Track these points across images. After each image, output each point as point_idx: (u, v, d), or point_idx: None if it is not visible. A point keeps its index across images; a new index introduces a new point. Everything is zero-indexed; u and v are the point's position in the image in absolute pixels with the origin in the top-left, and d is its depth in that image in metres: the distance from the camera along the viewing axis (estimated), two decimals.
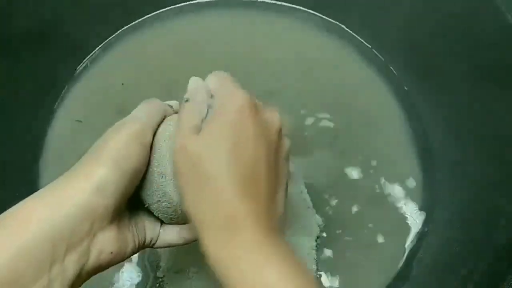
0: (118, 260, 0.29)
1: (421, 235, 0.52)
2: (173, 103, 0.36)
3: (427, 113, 0.58)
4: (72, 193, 0.26)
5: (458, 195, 0.51)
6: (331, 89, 0.59)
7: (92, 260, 0.27)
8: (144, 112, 0.32)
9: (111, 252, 0.28)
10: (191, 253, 0.46)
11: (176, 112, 0.35)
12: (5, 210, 0.26)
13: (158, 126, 0.33)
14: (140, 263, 0.49)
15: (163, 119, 0.33)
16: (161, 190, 0.31)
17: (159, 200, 0.32)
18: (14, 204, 0.26)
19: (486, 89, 0.49)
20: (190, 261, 0.47)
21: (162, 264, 0.48)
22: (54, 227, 0.25)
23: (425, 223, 0.53)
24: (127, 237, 0.30)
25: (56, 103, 0.58)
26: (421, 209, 0.53)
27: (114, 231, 0.28)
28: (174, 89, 0.58)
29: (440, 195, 0.53)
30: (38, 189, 0.27)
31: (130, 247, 0.30)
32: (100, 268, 0.28)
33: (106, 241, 0.27)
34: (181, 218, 0.33)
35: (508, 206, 0.43)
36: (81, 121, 0.57)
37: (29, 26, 0.54)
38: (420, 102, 0.58)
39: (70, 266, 0.25)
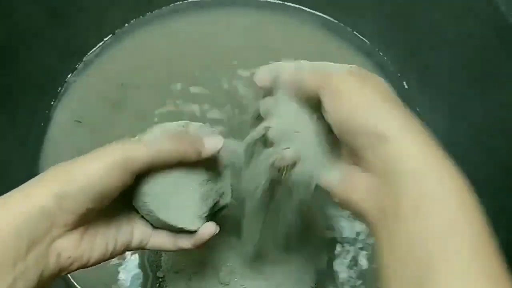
0: (80, 265, 0.29)
1: None
2: (210, 142, 0.32)
3: (427, 113, 0.58)
4: (34, 197, 0.26)
5: None
6: None
7: (52, 263, 0.27)
8: (157, 146, 0.29)
9: (69, 257, 0.28)
10: (191, 253, 0.46)
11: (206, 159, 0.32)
12: None
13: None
14: (140, 263, 0.49)
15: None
16: (146, 208, 0.31)
17: (147, 214, 0.32)
18: None
19: (485, 88, 0.49)
20: (190, 261, 0.47)
21: (162, 264, 0.48)
22: (14, 226, 0.25)
23: None
24: (95, 244, 0.30)
25: (55, 103, 0.58)
26: None
27: (75, 237, 0.28)
28: (174, 90, 0.58)
29: None
30: None
31: (97, 253, 0.30)
32: (60, 272, 0.28)
33: (65, 247, 0.28)
34: (170, 228, 0.33)
35: (509, 205, 0.43)
36: (80, 122, 0.57)
37: (27, 26, 0.54)
38: (420, 102, 0.58)
39: (32, 266, 0.26)
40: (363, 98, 0.27)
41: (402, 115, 0.26)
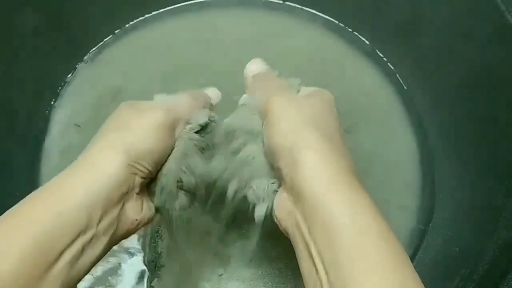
0: (141, 226, 0.31)
1: (421, 235, 0.52)
2: (212, 94, 0.38)
3: (427, 113, 0.58)
4: (105, 165, 0.27)
5: (458, 195, 0.51)
6: (330, 89, 0.59)
7: (121, 228, 0.29)
8: (184, 106, 0.33)
9: (136, 220, 0.30)
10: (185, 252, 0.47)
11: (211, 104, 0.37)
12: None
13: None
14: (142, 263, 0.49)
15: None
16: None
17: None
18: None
19: (486, 89, 0.49)
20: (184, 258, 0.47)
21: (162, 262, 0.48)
22: (89, 196, 0.26)
23: (425, 223, 0.53)
24: (150, 205, 0.32)
25: (55, 103, 0.58)
26: (421, 209, 0.53)
27: (139, 201, 0.30)
28: (174, 91, 0.58)
29: (440, 195, 0.53)
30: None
31: (152, 213, 0.32)
32: (125, 235, 0.30)
33: (132, 210, 0.29)
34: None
35: (508, 205, 0.43)
36: (79, 126, 0.57)
37: (27, 26, 0.54)
38: (420, 102, 0.58)
39: (102, 233, 0.27)
40: (286, 122, 0.28)
41: (320, 146, 0.27)
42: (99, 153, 0.28)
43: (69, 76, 0.60)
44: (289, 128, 0.28)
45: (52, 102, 0.58)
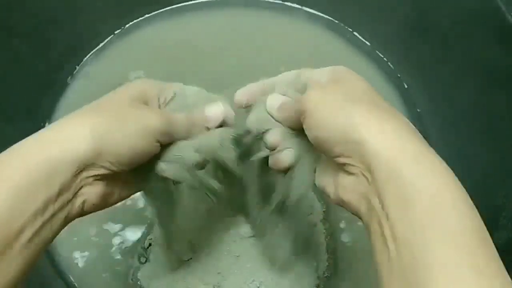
0: (99, 209, 0.31)
1: None
2: (215, 113, 0.36)
3: (427, 113, 0.58)
4: (71, 140, 0.27)
5: None
6: None
7: (76, 209, 0.28)
8: (179, 127, 0.33)
9: (93, 204, 0.29)
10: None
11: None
12: None
13: None
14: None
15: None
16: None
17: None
18: None
19: (486, 88, 0.49)
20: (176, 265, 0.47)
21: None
22: (50, 170, 0.25)
23: None
24: (114, 193, 0.31)
25: (55, 103, 0.58)
26: None
27: (101, 187, 0.29)
28: None
29: None
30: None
31: (114, 199, 0.32)
32: (80, 215, 0.29)
33: (92, 195, 0.29)
34: None
35: (508, 205, 0.43)
36: None
37: (27, 26, 0.54)
38: (420, 102, 0.58)
39: (58, 211, 0.27)
40: (335, 108, 0.27)
41: (373, 115, 0.26)
42: (74, 128, 0.28)
43: (69, 76, 0.60)
44: (335, 112, 0.27)
45: (52, 102, 0.58)
